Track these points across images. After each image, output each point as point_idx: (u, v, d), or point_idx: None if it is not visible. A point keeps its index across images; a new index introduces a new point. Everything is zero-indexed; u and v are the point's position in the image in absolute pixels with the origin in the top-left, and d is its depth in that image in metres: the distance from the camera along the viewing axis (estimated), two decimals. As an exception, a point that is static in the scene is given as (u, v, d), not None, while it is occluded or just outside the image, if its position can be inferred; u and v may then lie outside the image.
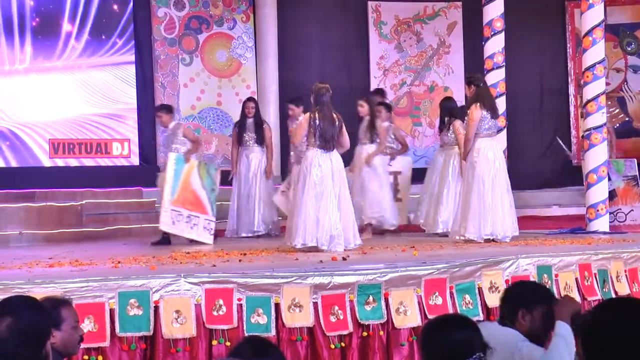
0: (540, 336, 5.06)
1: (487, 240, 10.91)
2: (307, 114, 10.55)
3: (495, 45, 14.32)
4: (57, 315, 4.65)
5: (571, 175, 16.47)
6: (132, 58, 16.38)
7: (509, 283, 8.63)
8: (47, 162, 15.69)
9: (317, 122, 10.41)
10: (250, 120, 13.52)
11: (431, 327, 4.50)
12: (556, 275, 9.00)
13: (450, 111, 12.98)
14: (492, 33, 14.35)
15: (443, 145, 13.10)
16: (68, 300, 4.95)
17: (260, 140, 13.46)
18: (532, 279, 8.76)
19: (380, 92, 14.81)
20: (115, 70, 16.25)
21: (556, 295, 8.75)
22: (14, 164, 15.46)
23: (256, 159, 13.41)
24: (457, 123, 12.32)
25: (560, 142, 15.74)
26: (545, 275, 8.88)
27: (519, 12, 16.30)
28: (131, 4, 16.32)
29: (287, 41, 17.09)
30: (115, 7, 16.19)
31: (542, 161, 17.74)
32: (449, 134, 12.78)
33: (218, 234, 12.34)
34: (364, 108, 12.84)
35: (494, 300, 8.47)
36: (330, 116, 10.47)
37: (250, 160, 13.39)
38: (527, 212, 15.57)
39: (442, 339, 4.32)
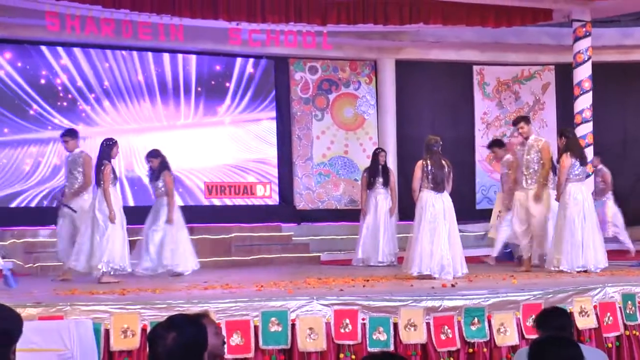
0: None
1: (580, 272, 10.68)
2: (420, 162, 10.52)
3: (584, 103, 14.13)
4: None
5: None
6: (273, 115, 16.58)
7: (597, 308, 8.45)
8: (203, 201, 15.96)
9: (429, 167, 10.39)
10: (380, 167, 13.55)
11: (540, 344, 4.35)
12: (639, 302, 8.74)
13: None
14: (581, 92, 14.16)
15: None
16: (205, 313, 4.97)
17: (387, 183, 13.46)
18: (617, 306, 8.55)
19: None
20: (260, 125, 16.48)
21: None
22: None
23: (382, 200, 13.40)
24: None
25: None
26: (630, 302, 8.64)
27: (605, 73, 16.04)
28: (273, 70, 16.57)
29: (404, 100, 17.09)
30: (260, 72, 16.46)
31: (625, 202, 17.30)
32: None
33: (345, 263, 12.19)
34: None
35: (583, 323, 8.29)
36: (439, 162, 10.45)
37: (378, 201, 13.37)
38: (612, 246, 15.15)
39: (549, 356, 4.21)
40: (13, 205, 14.38)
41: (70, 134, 11.22)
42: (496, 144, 13.50)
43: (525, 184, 11.44)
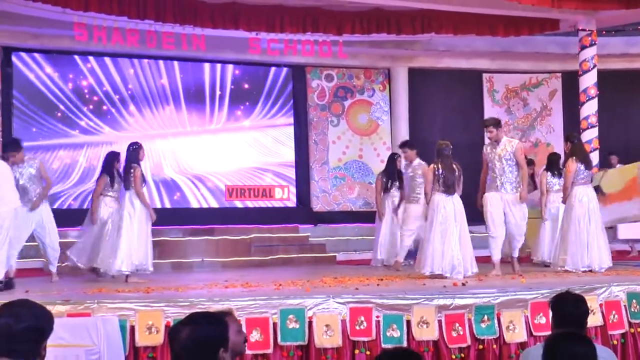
0: None
1: (585, 272, 10.63)
2: (432, 165, 10.51)
3: (589, 109, 14.08)
4: None
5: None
6: (291, 120, 16.61)
7: (602, 307, 8.41)
8: (224, 203, 15.98)
9: (440, 171, 10.36)
10: (396, 171, 13.48)
11: (556, 339, 4.29)
12: (643, 301, 8.69)
13: (549, 163, 12.69)
14: (587, 98, 14.11)
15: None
16: (229, 311, 4.95)
17: (402, 186, 13.37)
18: (622, 304, 8.50)
19: None
20: (278, 130, 16.50)
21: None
22: (197, 205, 15.80)
23: (397, 202, 13.33)
24: (543, 173, 12.07)
25: None
26: (634, 301, 8.58)
27: (610, 80, 15.98)
28: (291, 78, 16.60)
29: (416, 106, 17.08)
30: (279, 80, 16.49)
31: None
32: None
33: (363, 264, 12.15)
34: None
35: (590, 321, 8.15)
36: (450, 166, 10.42)
37: (394, 203, 13.31)
38: (616, 247, 15.07)
39: (565, 351, 4.17)
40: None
41: (15, 148, 10.15)
42: (407, 145, 12.79)
43: (501, 187, 10.74)
